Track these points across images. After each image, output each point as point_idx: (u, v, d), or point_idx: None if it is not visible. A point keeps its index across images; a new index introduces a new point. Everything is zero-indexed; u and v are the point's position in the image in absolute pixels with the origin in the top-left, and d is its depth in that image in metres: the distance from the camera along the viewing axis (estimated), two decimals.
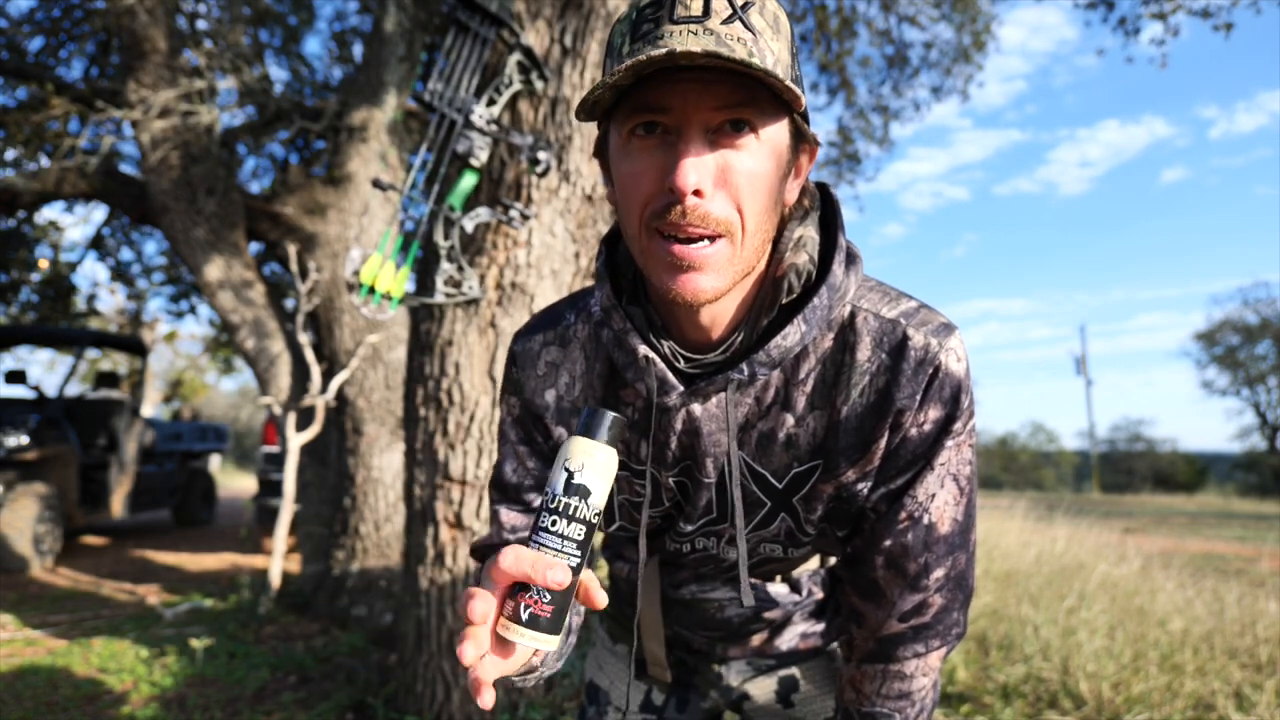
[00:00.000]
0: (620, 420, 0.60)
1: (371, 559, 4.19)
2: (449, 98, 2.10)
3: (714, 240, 0.63)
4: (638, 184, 0.64)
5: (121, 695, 3.00)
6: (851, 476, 0.75)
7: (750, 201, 0.63)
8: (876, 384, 0.72)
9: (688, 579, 0.94)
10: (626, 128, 0.64)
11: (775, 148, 0.64)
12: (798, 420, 0.74)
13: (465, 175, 2.15)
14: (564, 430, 0.84)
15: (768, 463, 0.77)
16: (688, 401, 0.73)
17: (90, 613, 4.39)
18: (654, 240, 0.64)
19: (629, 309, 0.74)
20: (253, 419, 27.97)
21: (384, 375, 4.41)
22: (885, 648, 0.80)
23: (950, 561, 0.76)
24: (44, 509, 5.86)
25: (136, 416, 7.57)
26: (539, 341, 0.85)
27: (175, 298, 8.59)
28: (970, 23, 5.92)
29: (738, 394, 0.74)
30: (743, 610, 0.93)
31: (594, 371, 0.82)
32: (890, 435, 0.73)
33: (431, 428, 2.48)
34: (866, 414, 0.73)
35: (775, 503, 0.79)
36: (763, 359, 0.69)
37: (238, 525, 8.84)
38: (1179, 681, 2.74)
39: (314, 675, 3.20)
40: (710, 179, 0.61)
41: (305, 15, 6.29)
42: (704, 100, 0.60)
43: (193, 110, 4.28)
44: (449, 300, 2.20)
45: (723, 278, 0.64)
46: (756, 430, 0.76)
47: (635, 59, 0.57)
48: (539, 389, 0.84)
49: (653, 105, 0.61)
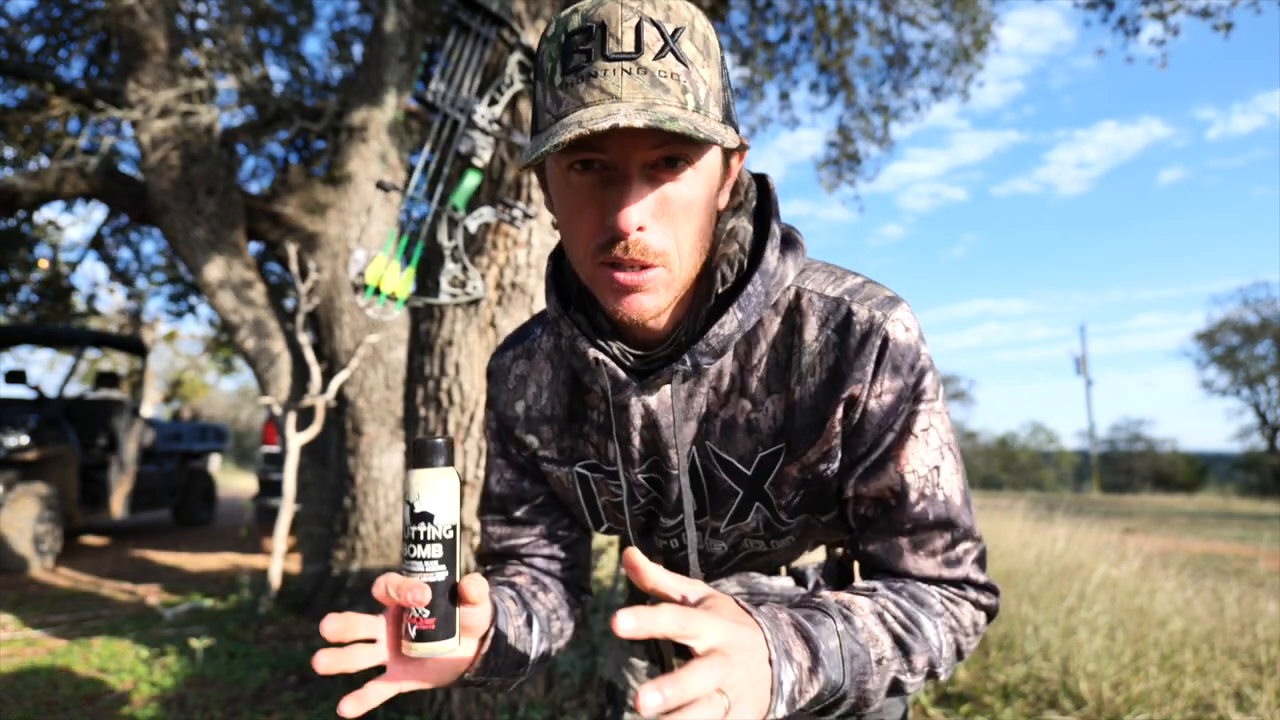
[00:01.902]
0: (442, 444, 0.63)
1: (371, 559, 4.19)
2: (451, 98, 2.10)
3: (653, 267, 0.66)
4: (579, 219, 0.67)
5: (121, 695, 3.00)
6: (812, 457, 0.76)
7: (685, 227, 0.66)
8: (826, 361, 0.74)
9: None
10: (564, 162, 0.65)
11: (708, 170, 0.67)
12: (755, 405, 0.77)
13: (468, 175, 2.15)
14: (535, 439, 0.88)
15: (733, 449, 0.78)
16: (641, 396, 0.76)
17: (90, 613, 4.39)
18: (599, 269, 0.67)
19: (574, 316, 0.77)
20: (253, 419, 27.97)
21: (384, 375, 4.41)
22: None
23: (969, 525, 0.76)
24: (44, 509, 5.85)
25: (136, 416, 7.57)
26: (509, 357, 0.90)
27: (175, 297, 8.60)
28: (970, 22, 5.92)
29: (693, 385, 0.77)
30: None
31: (559, 380, 0.86)
32: (847, 412, 0.74)
33: (432, 428, 2.48)
34: (819, 392, 0.74)
35: (747, 491, 0.80)
36: (702, 349, 0.72)
37: (238, 525, 8.84)
38: (1179, 681, 2.74)
39: (314, 675, 3.20)
40: (649, 214, 0.64)
41: (305, 15, 6.29)
42: (642, 142, 0.62)
43: (193, 110, 4.28)
44: (454, 300, 2.20)
45: (663, 297, 0.68)
46: (719, 419, 0.78)
47: (576, 131, 0.57)
48: (510, 401, 0.89)
49: (591, 145, 0.63)
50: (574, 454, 0.87)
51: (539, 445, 0.88)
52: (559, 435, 0.87)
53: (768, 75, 6.12)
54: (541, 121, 0.66)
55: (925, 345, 0.75)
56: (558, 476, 0.89)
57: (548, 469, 0.89)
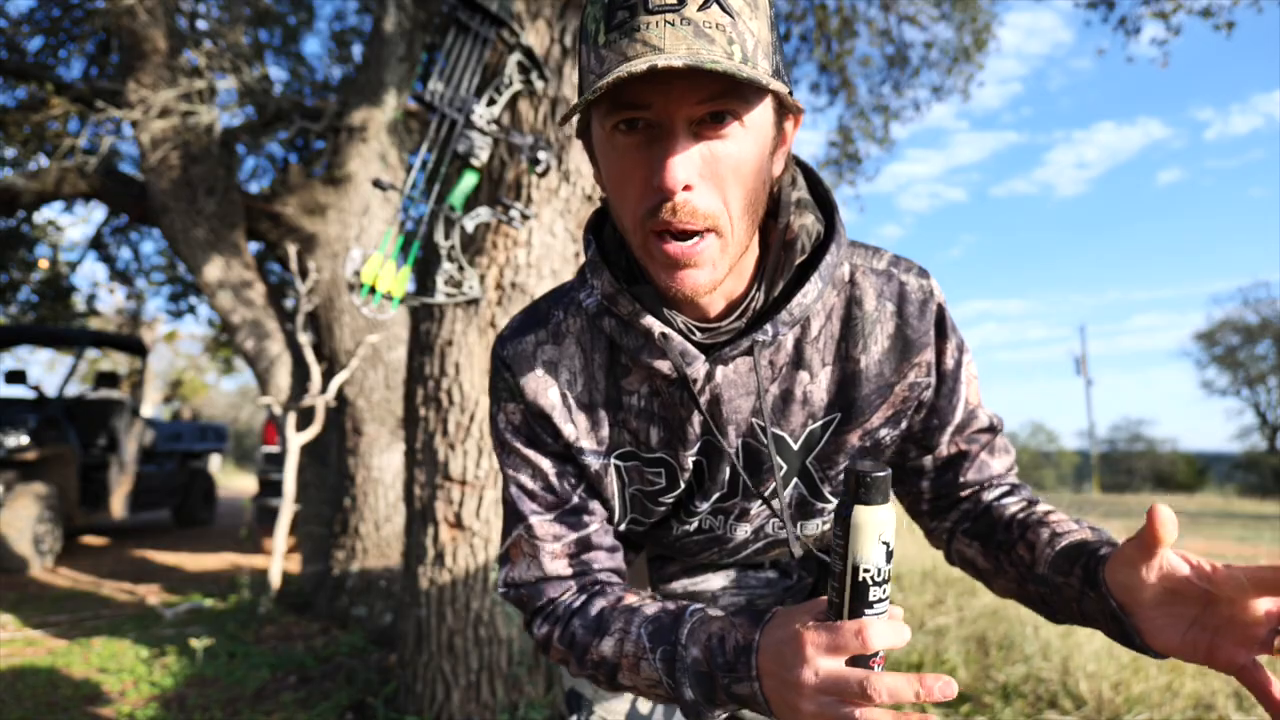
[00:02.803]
0: (888, 475, 0.58)
1: (371, 559, 4.18)
2: (449, 98, 2.10)
3: (704, 235, 0.64)
4: (627, 183, 0.65)
5: (121, 695, 3.00)
6: (875, 422, 0.78)
7: (735, 189, 0.64)
8: (888, 330, 0.76)
9: (677, 572, 0.93)
10: (609, 123, 0.63)
11: (759, 130, 0.64)
12: (813, 377, 0.76)
13: (466, 175, 2.15)
14: (573, 428, 0.79)
15: (785, 424, 0.78)
16: (710, 371, 0.74)
17: (90, 613, 4.39)
18: (649, 239, 0.65)
19: (634, 290, 0.73)
20: (253, 419, 27.96)
21: (384, 375, 4.41)
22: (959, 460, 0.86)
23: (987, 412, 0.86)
24: (44, 509, 5.85)
25: (136, 416, 7.57)
26: (531, 342, 0.81)
27: (175, 297, 8.59)
28: (971, 22, 5.92)
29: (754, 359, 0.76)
30: (736, 599, 0.93)
31: (594, 364, 0.80)
32: (915, 375, 0.78)
33: (431, 428, 2.48)
34: (885, 359, 0.76)
35: (791, 466, 0.80)
36: (785, 318, 0.71)
37: (238, 525, 8.84)
38: (1179, 681, 2.74)
39: (314, 675, 3.20)
40: (696, 172, 0.62)
41: (305, 15, 6.29)
42: (686, 95, 0.59)
43: (192, 110, 4.28)
44: (450, 300, 2.20)
45: (717, 270, 0.66)
46: (772, 393, 0.77)
47: (615, 74, 0.56)
48: (541, 389, 0.80)
49: (634, 103, 0.61)
50: (611, 444, 0.81)
51: (577, 435, 0.80)
52: (595, 425, 0.80)
53: None
54: (586, 84, 0.64)
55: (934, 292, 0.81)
56: (596, 470, 0.82)
57: (586, 461, 0.81)
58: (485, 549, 2.44)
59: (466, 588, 2.43)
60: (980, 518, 0.83)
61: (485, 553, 2.43)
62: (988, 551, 0.80)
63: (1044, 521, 0.76)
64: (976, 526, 0.82)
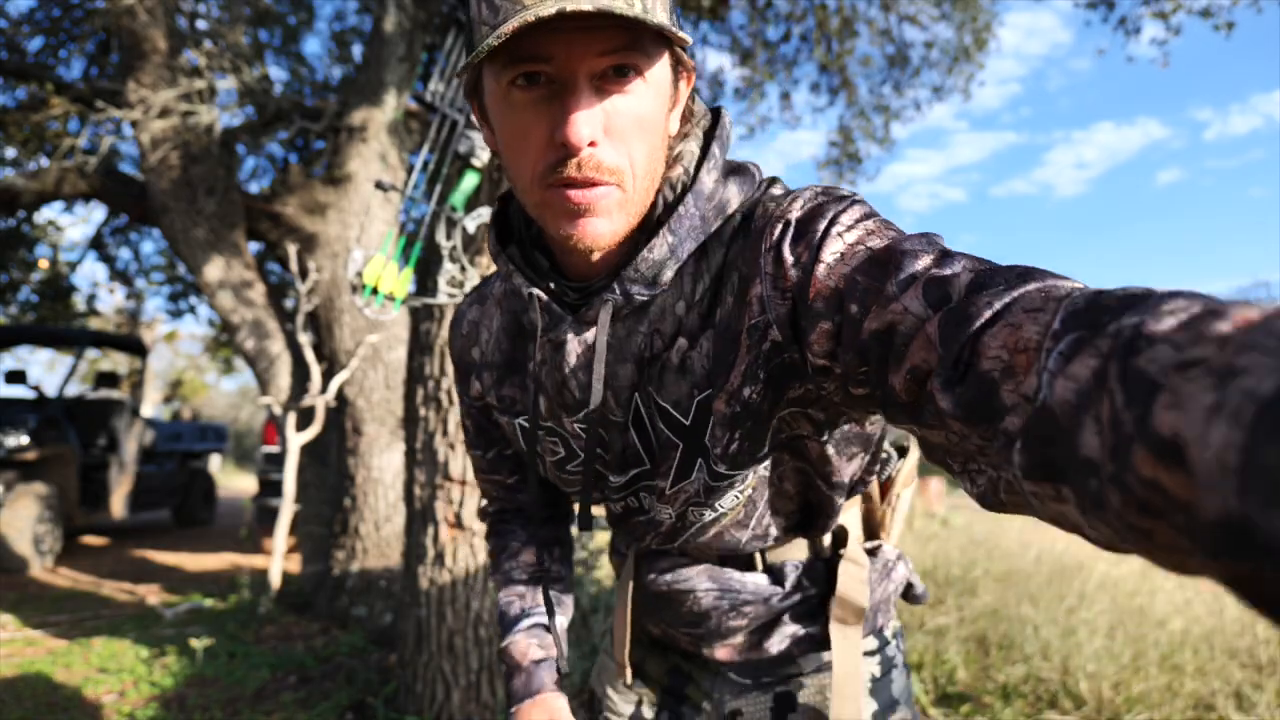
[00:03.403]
0: None
1: (371, 559, 4.19)
2: (450, 98, 2.10)
3: (606, 186, 0.61)
4: (525, 141, 0.62)
5: (121, 695, 3.00)
6: (735, 382, 0.67)
7: (638, 145, 0.62)
8: (738, 271, 0.66)
9: (665, 567, 0.89)
10: (505, 78, 0.60)
11: (659, 86, 0.63)
12: (692, 342, 0.69)
13: (467, 175, 2.15)
14: (479, 386, 0.87)
15: (668, 394, 0.71)
16: (579, 331, 0.71)
17: (90, 613, 4.39)
18: (548, 193, 0.62)
19: (509, 251, 0.73)
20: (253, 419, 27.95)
21: (384, 375, 4.41)
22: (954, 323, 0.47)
23: (935, 248, 0.54)
24: (44, 509, 5.85)
25: (136, 416, 7.57)
26: (466, 303, 0.90)
27: (175, 297, 8.60)
28: (971, 21, 5.92)
29: (633, 323, 0.70)
30: (719, 602, 0.86)
31: (502, 325, 0.83)
32: (749, 316, 0.64)
33: (431, 428, 2.48)
34: (732, 308, 0.67)
35: (687, 444, 0.72)
36: (631, 275, 0.66)
37: (238, 525, 8.84)
38: (1179, 682, 2.74)
39: (314, 675, 3.20)
40: (600, 127, 0.60)
41: (305, 15, 6.29)
42: (590, 47, 0.57)
43: (192, 110, 4.28)
44: (451, 300, 2.20)
45: (616, 220, 0.63)
46: (660, 362, 0.71)
47: (520, 17, 0.54)
48: (465, 348, 0.88)
49: (534, 55, 0.58)
50: (514, 404, 0.83)
51: (482, 392, 0.86)
52: (498, 383, 0.84)
53: (768, 75, 6.11)
54: (477, 37, 0.61)
55: (844, 193, 0.63)
56: (504, 426, 0.87)
57: (496, 418, 0.87)
58: (485, 549, 2.44)
59: (466, 587, 2.43)
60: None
61: (485, 552, 2.44)
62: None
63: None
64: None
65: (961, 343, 0.44)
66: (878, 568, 0.89)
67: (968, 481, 0.46)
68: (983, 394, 0.42)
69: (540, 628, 0.89)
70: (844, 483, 0.79)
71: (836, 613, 0.84)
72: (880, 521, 0.92)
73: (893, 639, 0.92)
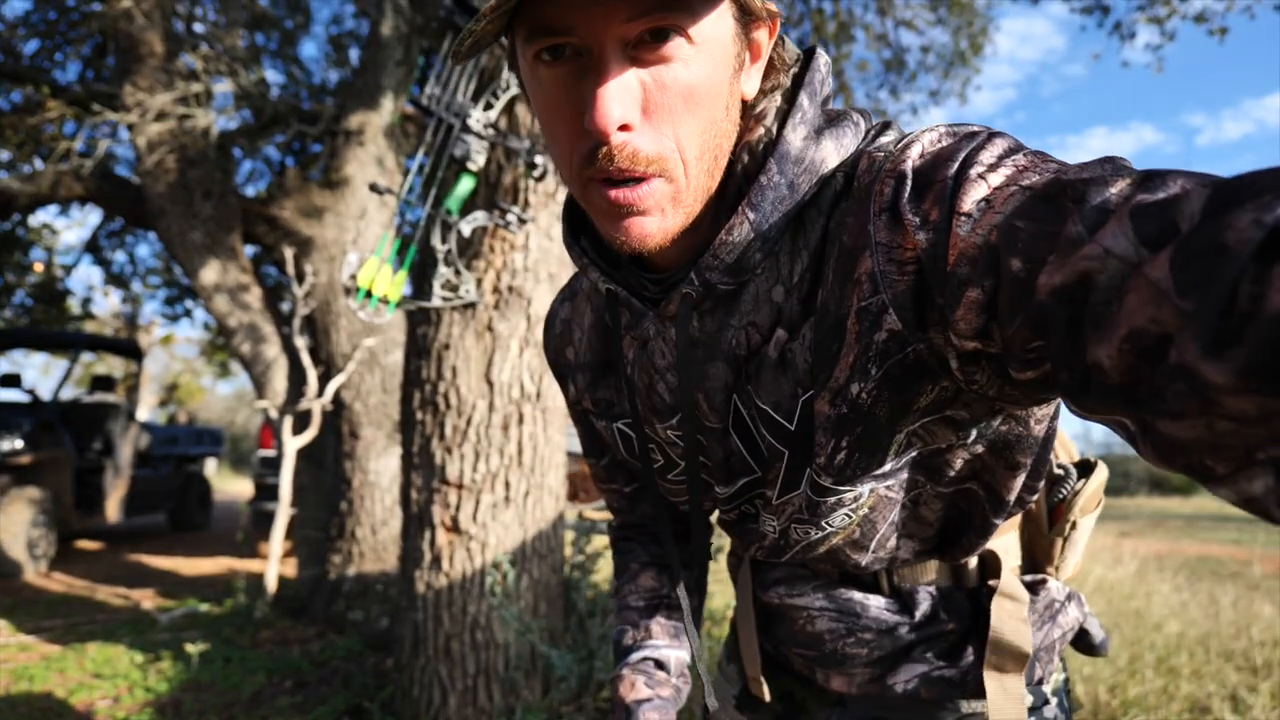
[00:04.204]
0: None
1: (368, 563, 4.18)
2: (446, 102, 2.10)
3: (649, 180, 0.52)
4: (557, 125, 0.53)
5: (116, 701, 2.99)
6: (840, 378, 0.55)
7: (688, 122, 0.52)
8: (841, 242, 0.54)
9: (780, 578, 0.79)
10: (529, 51, 0.52)
11: (715, 45, 0.51)
12: (792, 333, 0.58)
13: (462, 179, 2.15)
14: (574, 389, 0.80)
15: (767, 395, 0.60)
16: (662, 328, 0.62)
17: (85, 618, 4.37)
18: (589, 188, 0.54)
19: (583, 244, 0.64)
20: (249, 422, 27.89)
21: (381, 379, 4.40)
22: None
23: (1115, 173, 0.41)
24: (38, 513, 5.83)
25: (132, 420, 7.55)
26: (558, 300, 0.82)
27: (170, 301, 8.58)
28: (967, 26, 5.95)
29: (723, 314, 0.60)
30: (835, 625, 0.74)
31: (592, 324, 0.76)
32: (858, 298, 0.52)
33: (428, 431, 2.48)
34: (834, 287, 0.55)
35: (794, 451, 0.61)
36: (709, 262, 0.56)
37: (234, 529, 8.81)
38: (1175, 684, 2.74)
39: (310, 680, 3.19)
40: (636, 106, 0.50)
41: (302, 19, 6.29)
42: (614, 12, 0.48)
43: (189, 113, 4.27)
44: (446, 304, 2.20)
45: (669, 218, 0.54)
46: (756, 359, 0.60)
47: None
48: (560, 349, 0.80)
49: (553, 26, 0.49)
50: (611, 408, 0.75)
51: (577, 394, 0.79)
52: (593, 385, 0.76)
53: None
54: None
55: (975, 130, 0.50)
56: (603, 432, 0.78)
57: (593, 422, 0.79)
58: (482, 553, 2.43)
59: (463, 592, 2.42)
60: None
61: (482, 556, 2.43)
62: None
63: None
64: None
65: (1227, 281, 0.30)
66: (1038, 607, 0.73)
67: (1251, 482, 0.32)
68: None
69: (651, 662, 0.80)
70: (1006, 501, 0.64)
71: (991, 659, 0.69)
72: (1046, 552, 0.76)
73: (1053, 696, 0.74)
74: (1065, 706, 0.75)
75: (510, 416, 2.45)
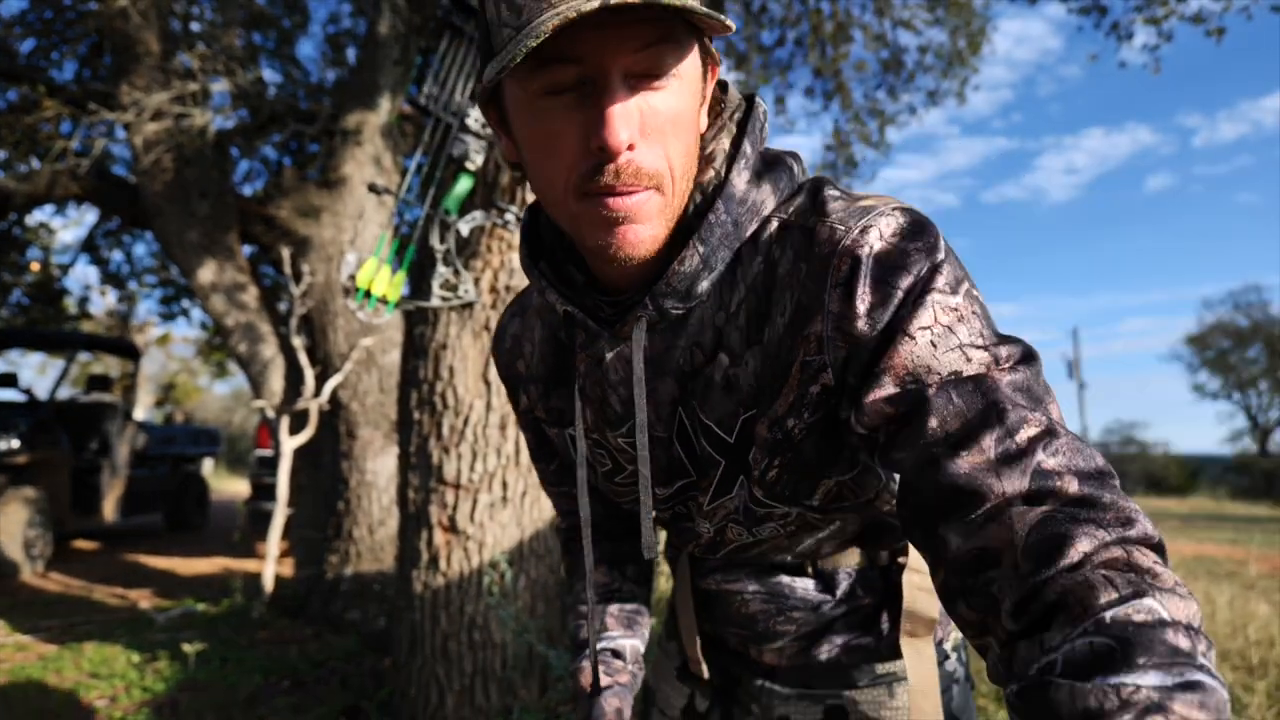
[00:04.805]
0: None
1: (365, 563, 4.17)
2: (444, 102, 2.10)
3: (646, 191, 0.58)
4: (555, 148, 0.57)
5: (113, 701, 2.99)
6: (779, 410, 0.64)
7: (675, 145, 0.58)
8: (794, 296, 0.61)
9: (716, 567, 0.87)
10: (535, 84, 0.55)
11: (690, 78, 0.58)
12: (734, 359, 0.66)
13: (460, 179, 2.15)
14: (526, 398, 0.85)
15: (711, 412, 0.68)
16: (616, 347, 0.69)
17: (82, 618, 4.36)
18: (584, 203, 0.58)
19: (541, 267, 0.69)
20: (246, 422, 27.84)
21: (378, 379, 4.40)
22: (1032, 598, 0.47)
23: (1038, 413, 0.53)
24: (35, 513, 5.82)
25: (129, 420, 7.53)
26: (508, 315, 0.87)
27: (167, 300, 8.56)
28: (965, 26, 5.96)
29: (671, 336, 0.67)
30: (766, 606, 0.83)
31: (550, 339, 0.80)
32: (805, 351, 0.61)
33: (426, 431, 2.48)
34: (785, 333, 0.62)
35: (729, 461, 0.70)
36: (663, 289, 0.62)
37: (231, 529, 8.80)
38: None
39: (307, 680, 3.18)
40: (637, 128, 0.55)
41: (299, 18, 6.28)
42: (624, 44, 0.53)
43: (186, 113, 4.27)
44: (445, 303, 2.20)
45: (657, 226, 0.59)
46: (701, 377, 0.68)
47: (560, 14, 0.49)
48: (510, 362, 0.86)
49: (564, 56, 0.53)
50: (562, 416, 0.81)
51: (529, 404, 0.85)
52: (545, 395, 0.82)
53: (763, 80, 6.14)
54: (498, 40, 0.55)
55: (927, 242, 0.58)
56: (553, 438, 0.86)
57: (545, 430, 0.86)
58: (480, 553, 2.43)
59: (461, 592, 2.42)
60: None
61: (480, 556, 2.43)
62: None
63: None
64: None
65: (1042, 579, 0.47)
66: None
67: (952, 606, 0.53)
68: (1040, 624, 0.46)
69: (608, 653, 0.86)
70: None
71: (906, 627, 0.80)
72: None
73: (953, 652, 0.87)
74: (963, 660, 0.89)
75: (507, 416, 2.45)
